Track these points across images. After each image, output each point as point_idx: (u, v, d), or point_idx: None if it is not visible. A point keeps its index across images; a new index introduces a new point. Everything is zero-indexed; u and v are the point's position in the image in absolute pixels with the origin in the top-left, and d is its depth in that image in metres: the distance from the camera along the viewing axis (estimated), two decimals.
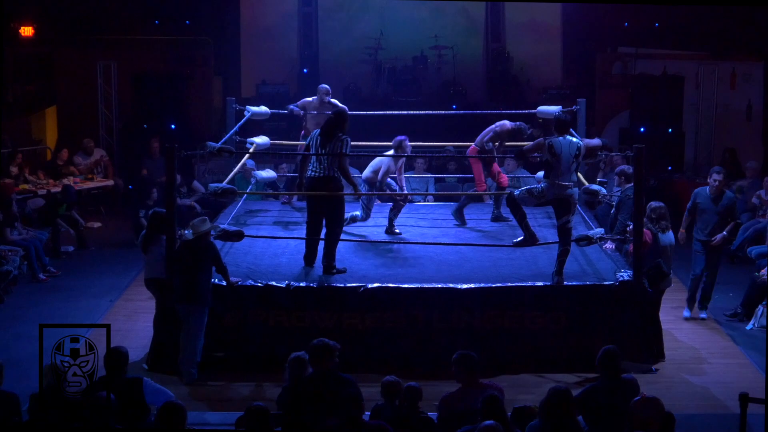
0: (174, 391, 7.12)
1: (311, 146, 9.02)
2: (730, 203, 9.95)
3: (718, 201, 9.94)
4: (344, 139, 8.91)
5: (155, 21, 17.11)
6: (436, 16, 18.32)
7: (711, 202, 9.97)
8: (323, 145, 8.91)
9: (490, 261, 9.46)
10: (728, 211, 9.94)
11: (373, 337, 8.64)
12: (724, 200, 9.93)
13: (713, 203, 9.96)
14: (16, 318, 10.15)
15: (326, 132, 8.97)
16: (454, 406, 6.42)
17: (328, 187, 8.94)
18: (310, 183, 9.03)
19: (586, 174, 12.31)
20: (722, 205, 9.91)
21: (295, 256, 9.65)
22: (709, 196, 9.98)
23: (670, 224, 9.35)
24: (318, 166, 8.94)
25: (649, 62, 16.49)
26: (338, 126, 9.00)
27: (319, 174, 8.92)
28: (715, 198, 9.97)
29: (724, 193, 9.99)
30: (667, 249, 9.16)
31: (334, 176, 8.93)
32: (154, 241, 8.94)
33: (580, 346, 8.46)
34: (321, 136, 8.98)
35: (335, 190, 8.97)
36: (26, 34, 16.13)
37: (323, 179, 8.92)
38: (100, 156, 15.44)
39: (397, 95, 17.24)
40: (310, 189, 9.04)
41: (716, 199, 9.96)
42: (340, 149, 8.85)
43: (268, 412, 5.87)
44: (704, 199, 10.01)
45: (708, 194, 10.00)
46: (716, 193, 9.96)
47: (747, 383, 7.71)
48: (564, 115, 9.09)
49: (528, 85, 18.01)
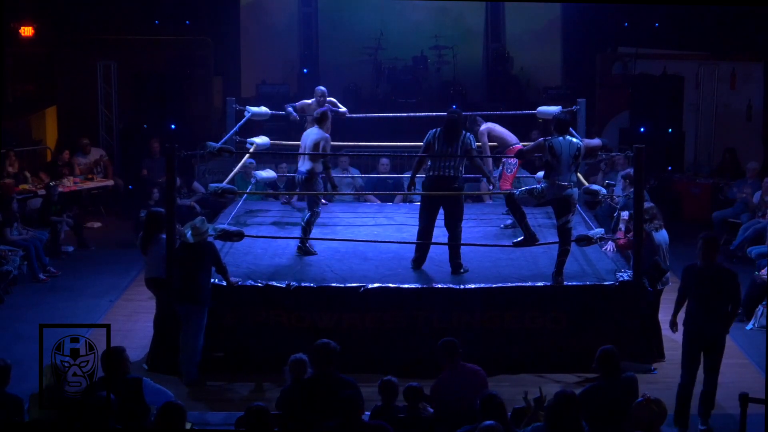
0: (174, 391, 7.14)
1: (433, 146, 8.99)
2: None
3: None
4: (471, 139, 9.04)
5: (155, 21, 17.11)
6: (436, 16, 18.34)
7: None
8: (449, 144, 8.92)
9: (490, 261, 9.46)
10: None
11: (373, 337, 8.65)
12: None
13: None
14: (16, 318, 10.15)
15: (449, 132, 8.97)
16: (443, 391, 6.65)
17: (452, 186, 8.98)
18: (431, 182, 9.01)
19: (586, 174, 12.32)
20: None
21: (295, 256, 9.66)
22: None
23: (662, 223, 9.35)
24: (444, 165, 8.93)
25: (649, 62, 16.48)
26: (461, 124, 9.07)
27: (447, 174, 8.91)
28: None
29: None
30: (662, 247, 9.17)
31: (459, 176, 9.00)
32: (153, 241, 8.95)
33: (580, 346, 8.46)
34: (443, 136, 8.97)
35: (459, 190, 9.07)
36: (26, 34, 16.16)
37: (449, 179, 8.93)
38: (100, 156, 15.44)
39: (397, 96, 17.23)
40: (433, 189, 9.02)
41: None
42: (469, 148, 8.96)
43: (268, 413, 5.88)
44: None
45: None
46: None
47: (747, 383, 7.70)
48: (564, 115, 9.10)
49: (528, 85, 18.02)
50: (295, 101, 11.69)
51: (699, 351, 7.54)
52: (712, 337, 7.48)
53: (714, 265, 7.52)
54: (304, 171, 9.73)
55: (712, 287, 7.47)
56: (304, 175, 9.75)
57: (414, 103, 16.60)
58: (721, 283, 7.50)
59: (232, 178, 10.52)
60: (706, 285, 7.47)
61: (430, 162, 9.05)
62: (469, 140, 9.02)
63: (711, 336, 7.48)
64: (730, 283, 7.53)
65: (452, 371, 6.77)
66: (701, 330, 7.47)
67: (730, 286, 7.53)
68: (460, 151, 8.93)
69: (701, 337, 7.49)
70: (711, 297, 7.47)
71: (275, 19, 18.24)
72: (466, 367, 6.80)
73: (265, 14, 18.25)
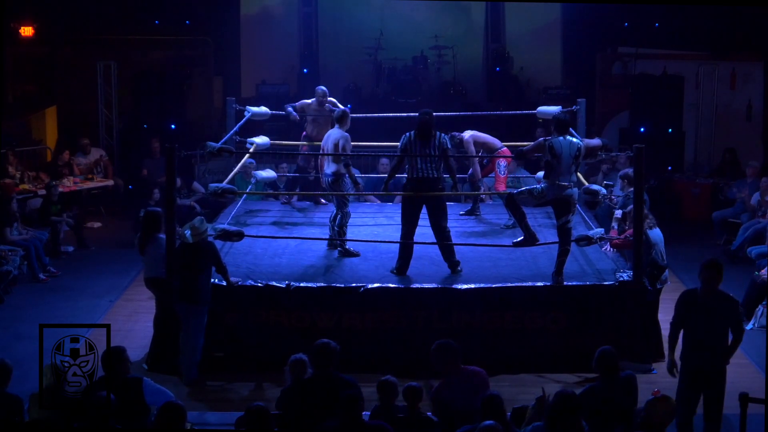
0: (174, 391, 7.14)
1: (409, 148, 8.97)
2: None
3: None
4: (446, 138, 9.03)
5: (155, 21, 17.11)
6: (436, 16, 18.33)
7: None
8: (424, 147, 8.91)
9: (490, 261, 9.47)
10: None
11: (373, 337, 8.65)
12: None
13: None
14: (16, 318, 10.15)
15: (423, 133, 8.95)
16: (444, 396, 6.57)
17: (435, 187, 8.98)
18: (415, 184, 8.99)
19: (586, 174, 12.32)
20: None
21: (295, 256, 9.66)
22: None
23: (655, 221, 9.34)
24: (425, 166, 8.92)
25: (649, 62, 16.49)
26: (433, 125, 9.03)
27: (428, 175, 8.90)
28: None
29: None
30: (657, 245, 9.17)
31: (441, 177, 9.01)
32: (150, 241, 8.95)
33: (580, 346, 8.45)
34: (418, 138, 8.95)
35: (442, 190, 9.09)
36: (26, 34, 16.14)
37: (433, 180, 8.94)
38: (100, 156, 15.44)
39: (397, 95, 17.23)
40: (415, 190, 9.01)
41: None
42: (446, 147, 8.95)
43: (268, 413, 5.88)
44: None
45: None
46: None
47: (747, 383, 7.68)
48: (564, 115, 9.10)
49: (528, 85, 18.01)
50: (295, 101, 11.69)
51: (698, 391, 6.89)
52: (713, 374, 6.83)
53: (715, 292, 6.88)
54: (330, 174, 9.72)
55: (712, 317, 6.80)
56: (330, 178, 9.73)
57: (414, 103, 16.57)
58: (722, 312, 6.83)
59: (232, 178, 10.51)
60: (706, 314, 6.80)
61: (408, 165, 9.03)
62: (444, 140, 9.01)
63: (711, 372, 6.83)
64: (732, 312, 6.88)
65: (453, 376, 6.64)
66: (699, 366, 6.84)
67: (732, 316, 6.87)
68: (437, 151, 8.92)
69: (700, 374, 6.85)
70: (711, 328, 6.81)
71: (275, 19, 18.23)
72: (467, 370, 6.70)
73: (265, 14, 18.25)
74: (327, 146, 9.78)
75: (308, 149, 11.36)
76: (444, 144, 8.98)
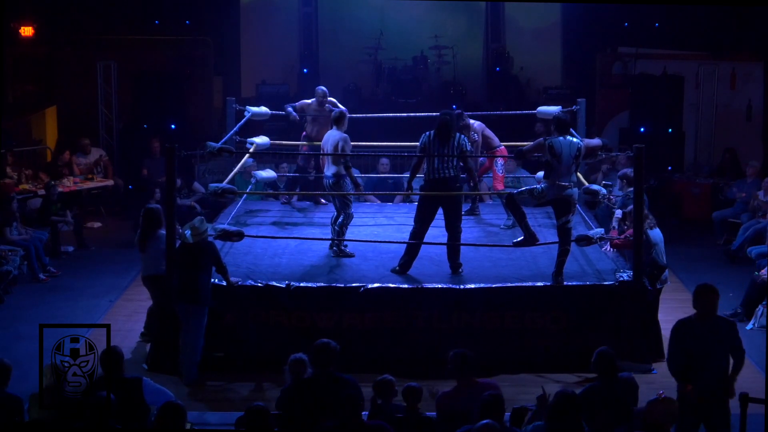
0: (174, 391, 7.13)
1: (428, 148, 8.97)
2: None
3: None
4: (465, 140, 9.03)
5: (155, 21, 17.11)
6: (436, 16, 18.34)
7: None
8: (443, 147, 8.91)
9: (490, 261, 9.47)
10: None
11: (373, 337, 8.65)
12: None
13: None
14: (16, 318, 10.15)
15: (442, 133, 8.94)
16: (450, 404, 6.48)
17: (454, 186, 8.99)
18: (432, 184, 8.98)
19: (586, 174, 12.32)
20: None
21: (295, 256, 9.66)
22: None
23: (655, 221, 9.35)
24: (443, 166, 8.92)
25: (649, 62, 16.48)
26: (454, 126, 9.03)
27: (445, 174, 8.90)
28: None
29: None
30: (657, 245, 9.17)
31: (458, 175, 9.02)
32: (151, 238, 8.96)
33: (580, 346, 8.45)
34: (437, 137, 8.94)
35: (459, 190, 9.11)
36: (26, 34, 16.13)
37: (450, 179, 8.93)
38: (100, 156, 15.44)
39: (397, 95, 17.24)
40: (434, 191, 9.00)
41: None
42: (464, 149, 8.95)
43: (268, 413, 5.88)
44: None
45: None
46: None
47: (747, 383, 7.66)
48: (564, 115, 9.10)
49: (528, 85, 18.02)
50: (295, 101, 11.69)
51: (697, 423, 6.60)
52: (715, 404, 6.53)
53: (712, 317, 6.56)
54: (330, 175, 9.70)
55: (711, 344, 6.49)
56: (331, 180, 9.72)
57: (414, 103, 16.59)
58: (721, 337, 6.52)
59: (232, 178, 10.52)
60: (704, 342, 6.48)
61: (426, 165, 9.04)
62: (463, 141, 9.01)
63: (713, 402, 6.52)
64: (731, 335, 6.59)
65: (464, 386, 6.54)
66: (701, 396, 6.50)
67: (730, 340, 6.59)
68: (456, 151, 8.92)
69: (701, 405, 6.52)
70: (711, 355, 6.49)
71: (275, 19, 18.23)
72: (479, 383, 6.53)
73: (265, 14, 18.25)
74: (326, 148, 9.78)
75: (308, 149, 11.36)
76: (463, 145, 8.97)
